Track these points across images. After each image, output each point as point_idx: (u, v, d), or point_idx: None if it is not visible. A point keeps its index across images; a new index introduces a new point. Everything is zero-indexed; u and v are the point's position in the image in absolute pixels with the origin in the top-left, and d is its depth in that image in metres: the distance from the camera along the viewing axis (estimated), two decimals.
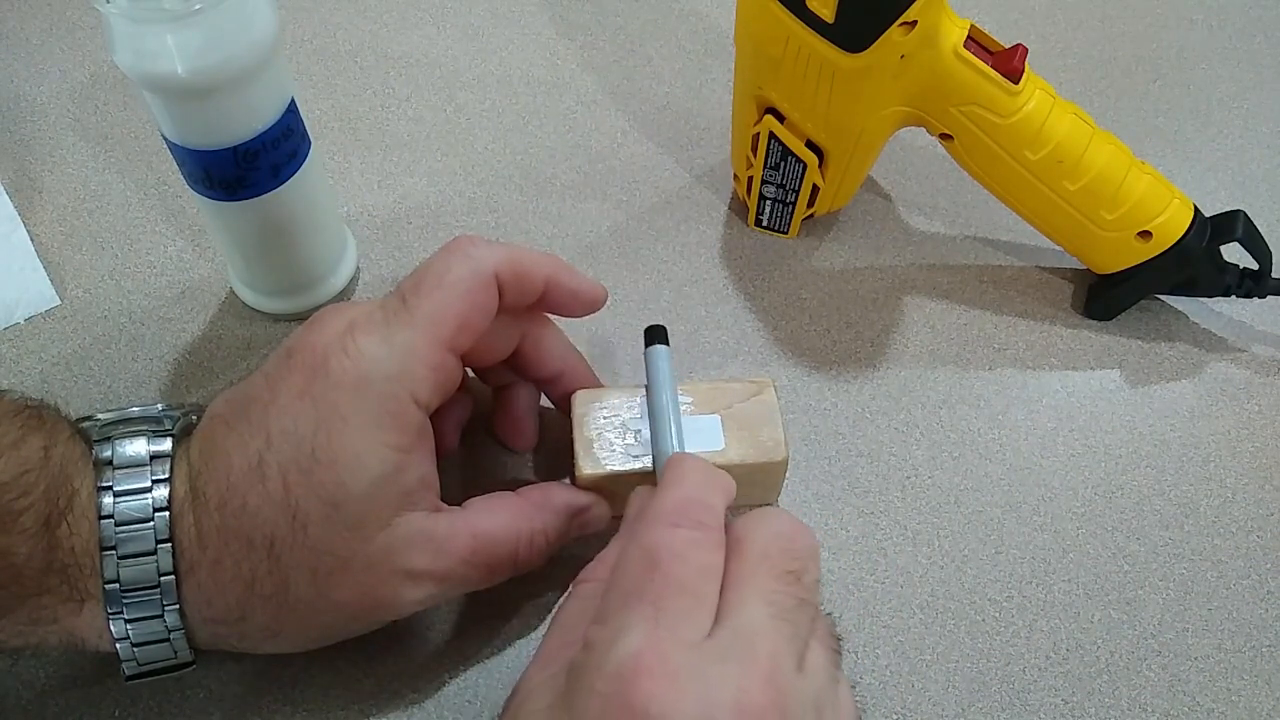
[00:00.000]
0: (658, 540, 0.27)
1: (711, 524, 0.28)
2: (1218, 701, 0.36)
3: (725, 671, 0.24)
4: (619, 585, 0.26)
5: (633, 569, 0.26)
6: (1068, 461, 0.41)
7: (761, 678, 0.24)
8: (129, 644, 0.29)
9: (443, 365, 0.31)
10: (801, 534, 0.28)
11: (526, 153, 0.51)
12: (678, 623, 0.25)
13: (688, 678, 0.24)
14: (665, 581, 0.26)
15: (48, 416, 0.30)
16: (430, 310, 0.31)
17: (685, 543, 0.27)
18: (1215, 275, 0.43)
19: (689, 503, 0.28)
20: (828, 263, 0.47)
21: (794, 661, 0.25)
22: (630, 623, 0.25)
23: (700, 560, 0.27)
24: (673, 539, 0.27)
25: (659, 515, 0.28)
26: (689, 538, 0.27)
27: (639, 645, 0.24)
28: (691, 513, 0.28)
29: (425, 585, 0.31)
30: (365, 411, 0.29)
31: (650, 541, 0.27)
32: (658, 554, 0.26)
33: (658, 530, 0.27)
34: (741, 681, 0.24)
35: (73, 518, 0.28)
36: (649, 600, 0.25)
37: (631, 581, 0.26)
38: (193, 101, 0.34)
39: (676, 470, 0.30)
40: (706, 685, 0.24)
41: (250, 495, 0.29)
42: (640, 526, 0.28)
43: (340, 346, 0.30)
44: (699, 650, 0.24)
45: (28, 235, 0.46)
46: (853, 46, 0.37)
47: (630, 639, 0.24)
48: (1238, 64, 0.57)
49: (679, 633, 0.25)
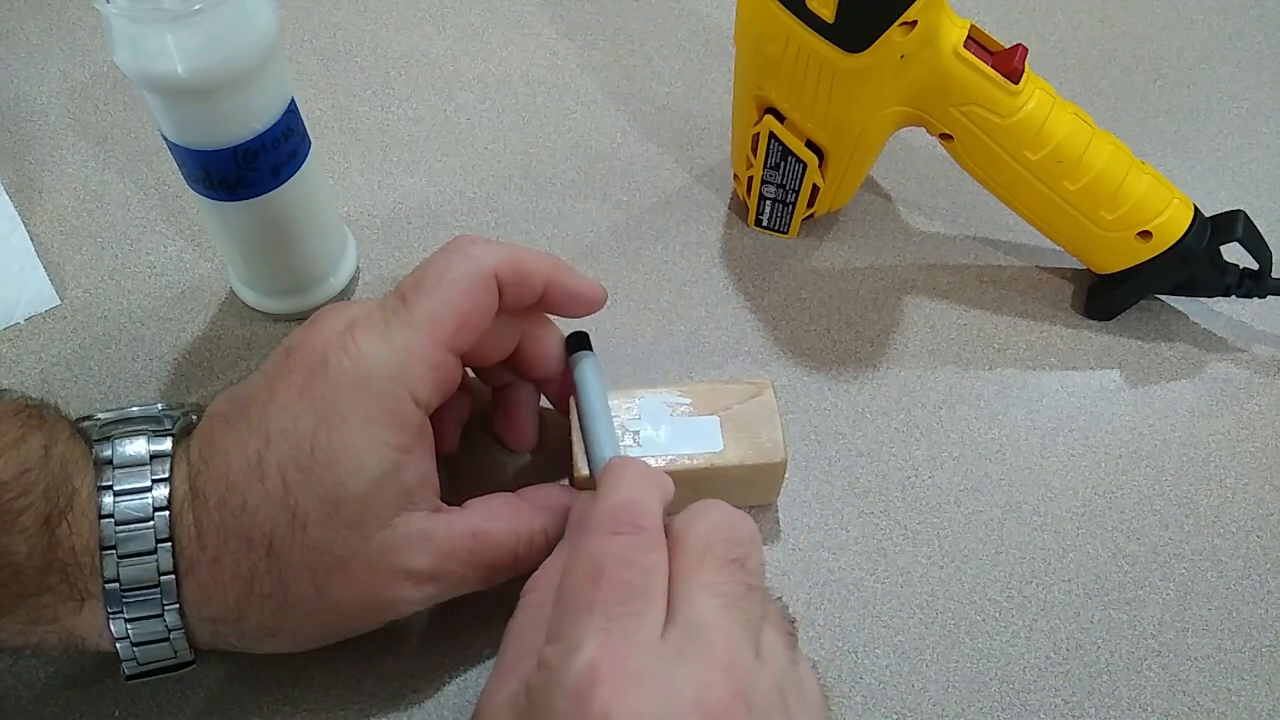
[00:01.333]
0: (598, 548, 0.27)
1: (649, 525, 0.28)
2: (1218, 701, 0.36)
3: (684, 669, 0.24)
4: (567, 598, 0.27)
5: (578, 580, 0.27)
6: (1068, 461, 0.41)
7: (720, 670, 0.24)
8: (129, 643, 0.29)
9: (442, 364, 0.31)
10: (740, 521, 0.29)
11: (526, 153, 0.51)
12: (630, 627, 0.25)
13: (647, 680, 0.24)
14: (611, 588, 0.26)
15: (48, 416, 0.30)
16: (430, 309, 0.31)
17: (626, 547, 0.27)
18: (1215, 275, 0.43)
19: (624, 507, 0.28)
20: (828, 263, 0.47)
21: (751, 649, 0.26)
22: (583, 636, 0.25)
23: (643, 562, 0.27)
24: (614, 545, 0.27)
25: (597, 523, 0.28)
26: (629, 542, 0.27)
27: (594, 655, 0.24)
28: (628, 517, 0.28)
29: (424, 585, 0.31)
30: (364, 410, 0.29)
31: (592, 550, 0.27)
32: (600, 562, 0.27)
33: (597, 538, 0.27)
34: (702, 676, 0.24)
35: (73, 517, 0.28)
36: (598, 609, 0.25)
37: (578, 593, 0.26)
38: (193, 101, 0.34)
39: (611, 475, 0.30)
40: (667, 685, 0.24)
41: (250, 494, 0.29)
42: (580, 536, 0.28)
43: (340, 345, 0.30)
44: (654, 651, 0.25)
45: (28, 235, 0.46)
46: (853, 46, 0.37)
47: (584, 651, 0.24)
48: (1238, 64, 0.57)
49: (632, 636, 0.25)
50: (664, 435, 0.36)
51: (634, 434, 0.36)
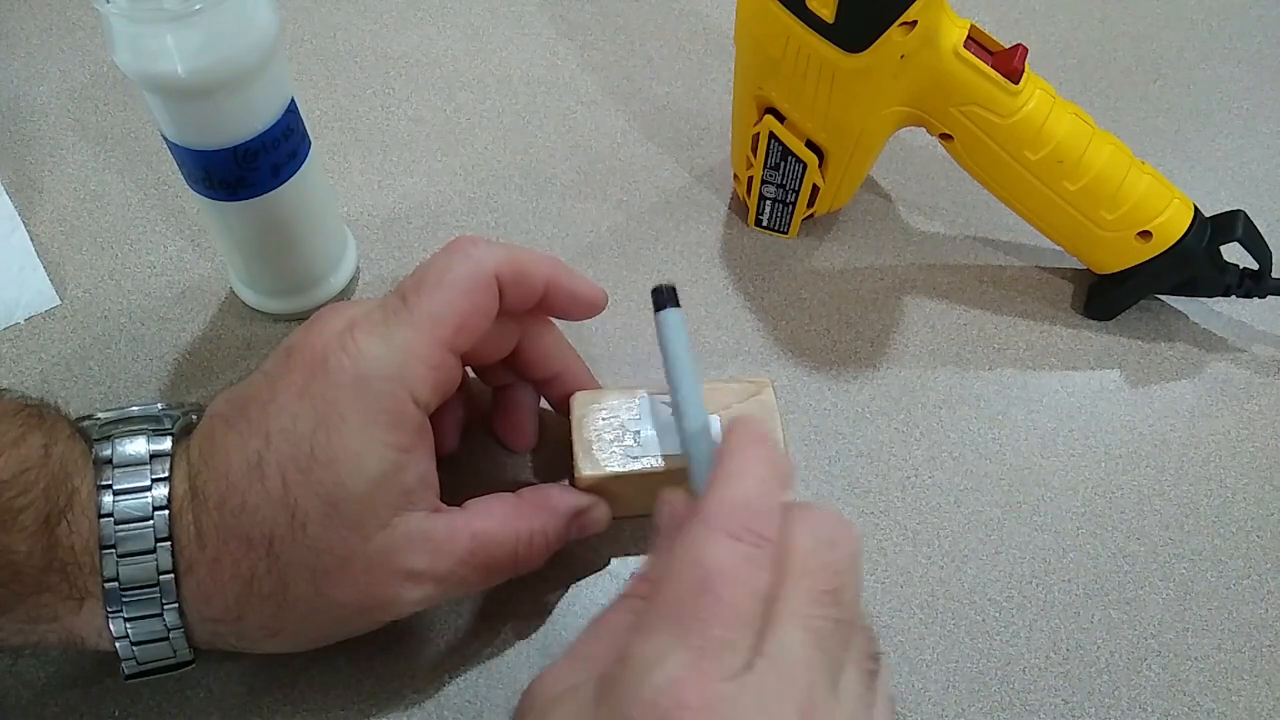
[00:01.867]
0: (712, 558, 0.25)
1: (772, 536, 0.26)
2: (1218, 701, 0.36)
3: (764, 707, 0.23)
4: (666, 599, 0.25)
5: (682, 586, 0.25)
6: (1068, 461, 0.41)
7: (798, 713, 0.23)
8: (128, 642, 0.29)
9: (442, 365, 0.31)
10: (844, 538, 0.27)
11: (526, 153, 0.51)
12: (722, 654, 0.24)
13: (724, 712, 0.23)
14: (716, 608, 0.24)
15: (48, 415, 0.30)
16: (430, 309, 0.31)
17: (743, 561, 0.25)
18: (1215, 275, 0.43)
19: (750, 508, 0.26)
20: (828, 263, 0.47)
21: (829, 688, 0.24)
22: (672, 647, 0.24)
23: (755, 584, 0.25)
24: (730, 557, 0.25)
25: (717, 519, 0.26)
26: (747, 555, 0.25)
27: (679, 674, 0.23)
28: (754, 523, 0.26)
29: (424, 585, 0.31)
30: (364, 410, 0.29)
31: (704, 557, 0.25)
32: (710, 576, 0.24)
33: (713, 541, 0.25)
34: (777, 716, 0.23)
35: (72, 516, 0.28)
36: (695, 627, 0.24)
37: (679, 599, 0.25)
38: (192, 101, 0.34)
39: (736, 458, 0.27)
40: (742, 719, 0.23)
41: (249, 494, 0.29)
42: (694, 534, 0.26)
43: (339, 345, 0.30)
44: (738, 683, 0.23)
45: (28, 235, 0.46)
46: (853, 46, 0.37)
47: (670, 666, 0.23)
48: (1238, 64, 0.57)
49: (721, 663, 0.23)
50: (665, 435, 0.36)
51: (634, 434, 0.36)
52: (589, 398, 0.37)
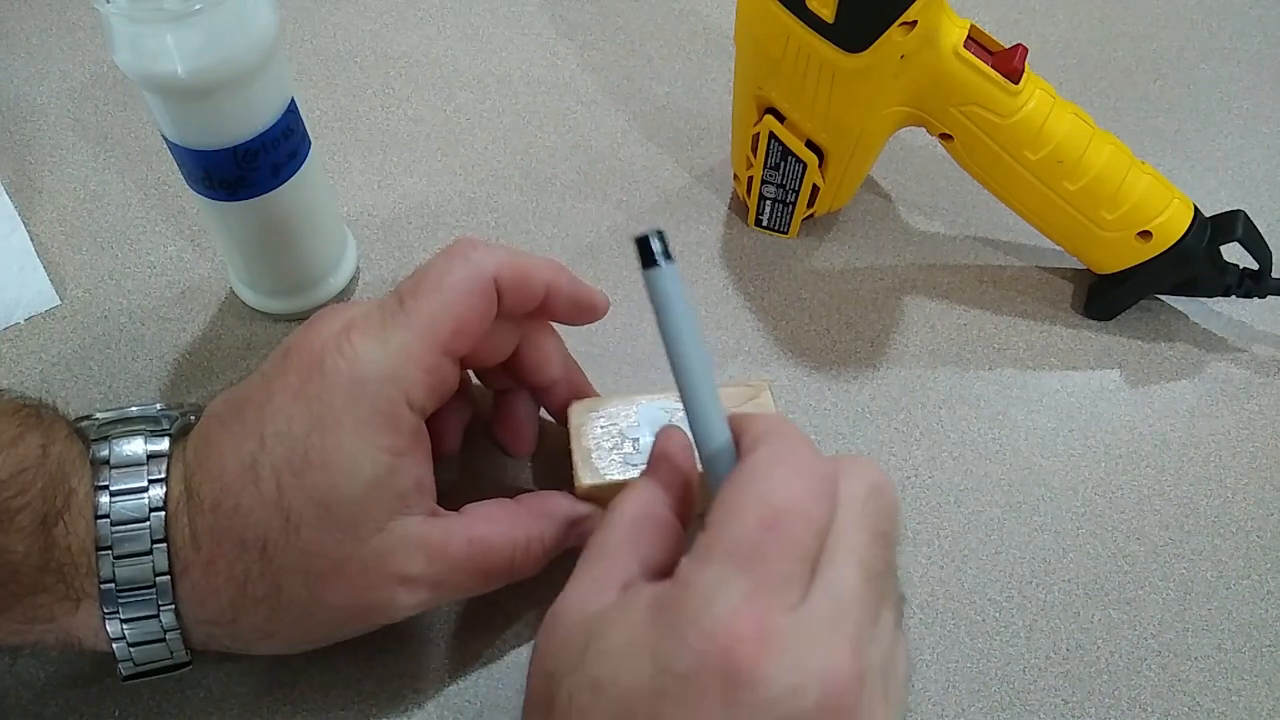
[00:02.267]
0: (779, 490, 0.25)
1: (830, 476, 0.26)
2: (1218, 701, 0.36)
3: (817, 639, 0.24)
4: (729, 528, 0.25)
5: (747, 519, 0.25)
6: (1068, 461, 0.41)
7: (849, 645, 0.24)
8: (125, 644, 0.29)
9: (438, 369, 0.31)
10: (890, 489, 0.27)
11: (526, 153, 0.51)
12: (782, 587, 0.24)
13: (783, 645, 0.23)
14: (783, 543, 0.24)
15: (46, 415, 0.30)
16: (427, 313, 0.30)
17: (809, 497, 0.25)
18: (1215, 275, 0.43)
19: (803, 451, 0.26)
20: (828, 263, 0.47)
21: (873, 624, 0.25)
22: (733, 577, 0.24)
23: (820, 518, 0.25)
24: (797, 490, 0.25)
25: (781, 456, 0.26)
26: (814, 491, 0.25)
27: (740, 604, 0.23)
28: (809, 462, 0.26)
29: (420, 590, 0.31)
30: (358, 413, 0.29)
31: (772, 490, 0.25)
32: (778, 507, 0.25)
33: (779, 475, 0.25)
34: (830, 650, 0.23)
35: (69, 517, 0.28)
36: (759, 559, 0.24)
37: (745, 534, 0.24)
38: (192, 101, 0.34)
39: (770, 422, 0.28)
40: (799, 653, 0.23)
41: (243, 496, 0.29)
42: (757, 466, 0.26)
43: (336, 347, 0.30)
44: (796, 615, 0.24)
45: (28, 235, 0.46)
46: (853, 46, 0.37)
47: (732, 597, 0.24)
48: (1238, 64, 0.57)
49: (781, 597, 0.24)
50: None
51: (633, 441, 0.36)
52: (587, 406, 0.36)
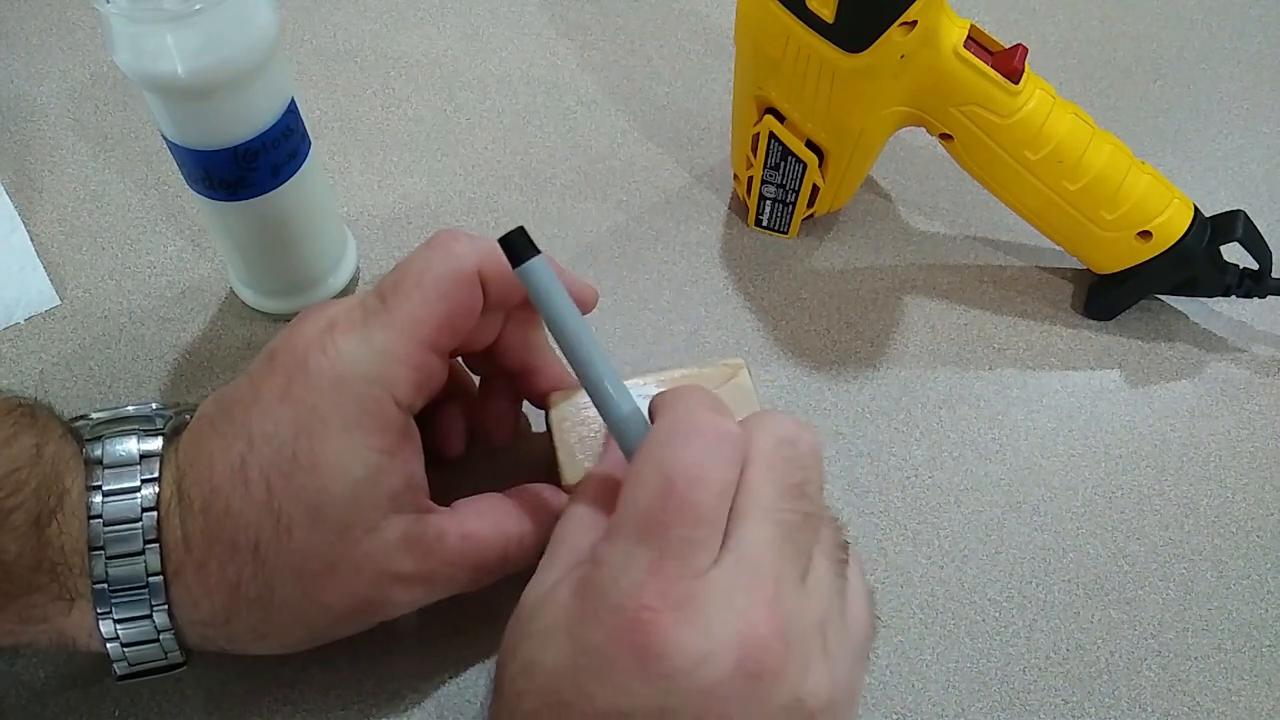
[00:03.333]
0: (673, 460, 0.25)
1: (730, 429, 0.26)
2: (1218, 701, 0.36)
3: (730, 602, 0.23)
4: (630, 504, 0.25)
5: (646, 491, 0.25)
6: (1068, 461, 0.41)
7: (765, 605, 0.24)
8: (119, 644, 0.29)
9: (425, 365, 0.30)
10: (803, 436, 0.27)
11: (526, 153, 0.51)
12: (687, 553, 0.24)
13: (693, 611, 0.23)
14: (681, 510, 0.24)
15: (40, 415, 0.30)
16: (409, 311, 0.30)
17: (703, 460, 0.25)
18: (1215, 275, 0.43)
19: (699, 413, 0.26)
20: (828, 263, 0.47)
21: (797, 580, 0.25)
22: (637, 552, 0.24)
23: (718, 481, 0.25)
24: (690, 456, 0.25)
25: (670, 429, 0.26)
26: (707, 452, 0.25)
27: (644, 576, 0.24)
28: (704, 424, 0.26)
29: (413, 587, 0.31)
30: (344, 413, 0.29)
31: (665, 461, 0.25)
32: (673, 479, 0.25)
33: (674, 444, 0.25)
34: (746, 612, 0.23)
35: (63, 516, 0.28)
36: (659, 528, 0.24)
37: (645, 505, 0.25)
38: (192, 101, 0.34)
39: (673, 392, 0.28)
40: (711, 617, 0.23)
41: (233, 498, 0.28)
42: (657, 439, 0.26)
43: (319, 347, 0.29)
44: (705, 580, 0.24)
45: (28, 235, 0.46)
46: (853, 46, 0.37)
47: (635, 570, 0.24)
48: (1238, 64, 0.57)
49: (688, 563, 0.24)
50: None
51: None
52: (566, 397, 0.36)
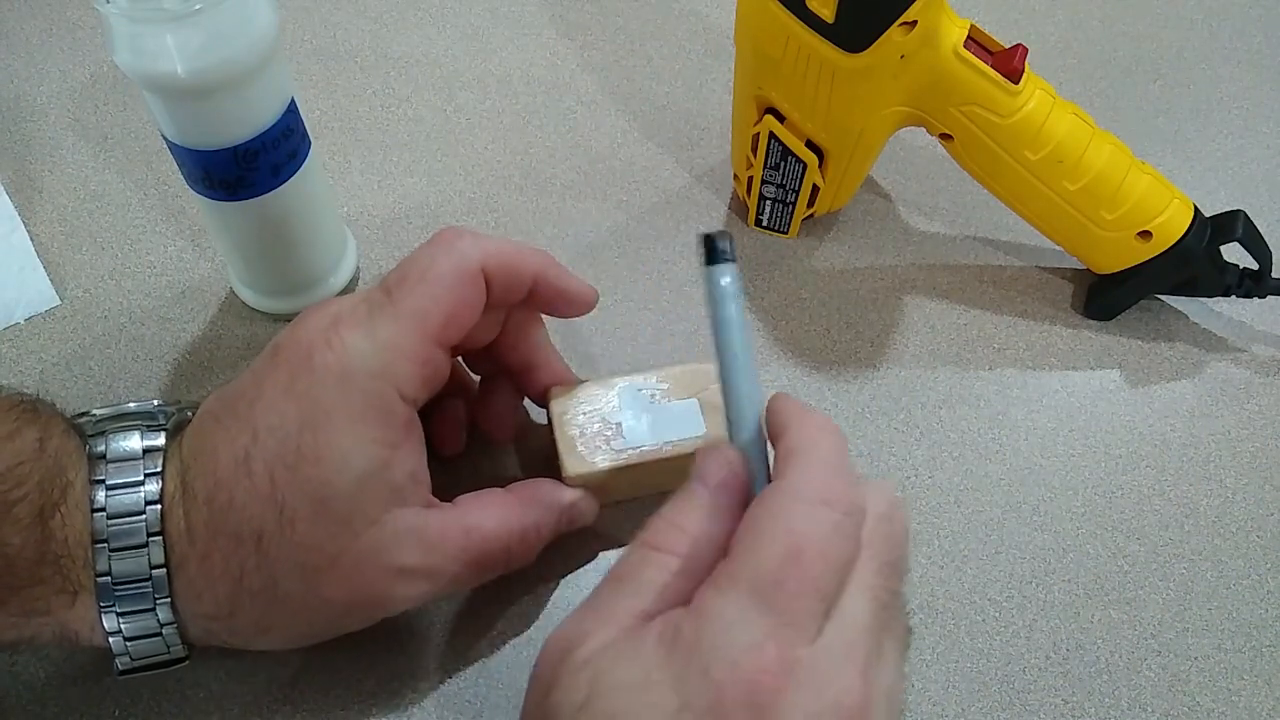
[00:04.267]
0: (803, 527, 0.25)
1: (855, 509, 0.26)
2: (1218, 701, 0.36)
3: (833, 670, 0.24)
4: (750, 563, 0.25)
5: (770, 551, 0.25)
6: (1068, 461, 0.41)
7: (859, 675, 0.24)
8: (121, 638, 0.29)
9: (430, 360, 0.31)
10: (900, 514, 0.27)
11: (526, 153, 0.51)
12: (806, 622, 0.24)
13: (804, 677, 0.23)
14: (804, 579, 0.24)
15: (43, 411, 0.30)
16: (414, 304, 0.30)
17: (833, 532, 0.25)
18: (1215, 275, 0.43)
19: (834, 480, 0.26)
20: (828, 263, 0.47)
21: (879, 653, 0.25)
22: (757, 612, 0.24)
23: (843, 553, 0.25)
24: (820, 523, 0.25)
25: (806, 489, 0.26)
26: (837, 525, 0.25)
27: (764, 639, 0.24)
28: (843, 492, 0.26)
29: (416, 582, 0.31)
30: (349, 406, 0.29)
31: (794, 524, 0.25)
32: (802, 547, 0.25)
33: (802, 509, 0.25)
34: (844, 680, 0.24)
35: (66, 510, 0.28)
36: (781, 597, 0.24)
37: (766, 565, 0.24)
38: (193, 101, 0.34)
39: (806, 431, 0.27)
40: (817, 684, 0.23)
41: (237, 491, 0.29)
42: (779, 499, 0.26)
43: (325, 341, 0.30)
44: (814, 648, 0.24)
45: (28, 235, 0.46)
46: (853, 46, 0.37)
47: (755, 631, 0.24)
48: (1238, 64, 0.57)
49: (804, 631, 0.24)
50: (647, 424, 0.36)
51: (616, 425, 0.36)
52: (567, 392, 0.36)
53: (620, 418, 0.36)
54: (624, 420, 0.36)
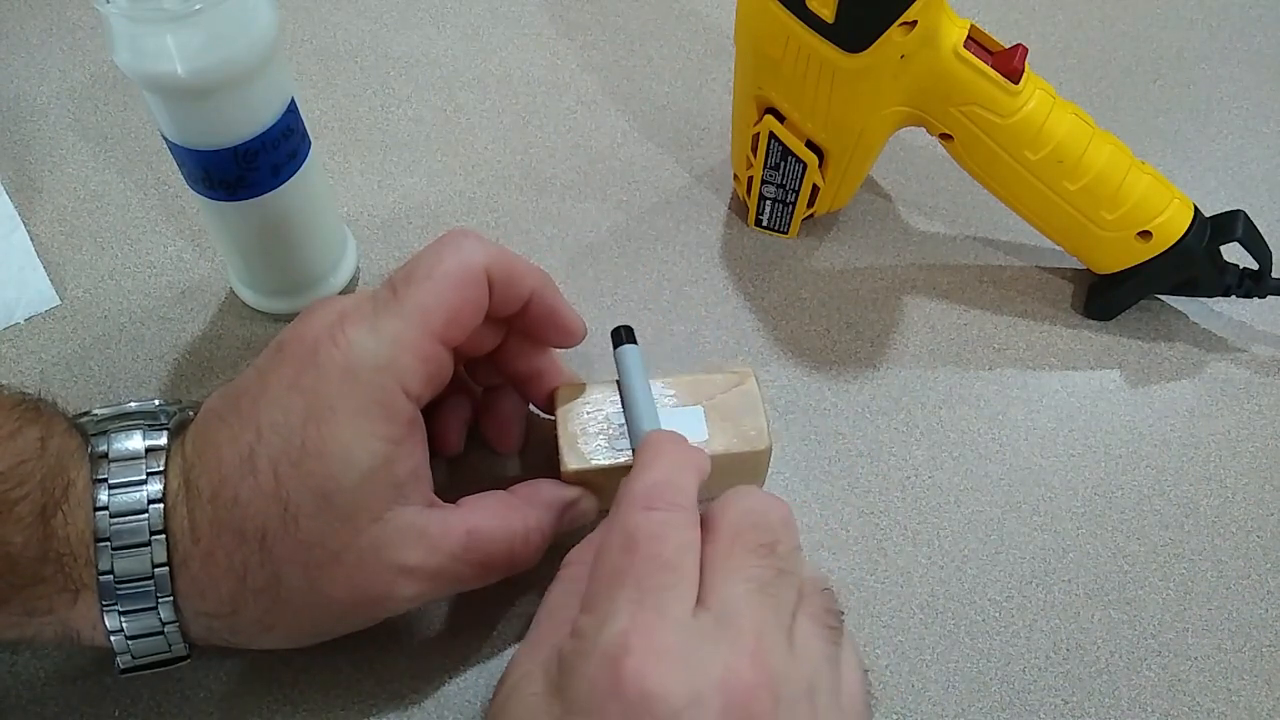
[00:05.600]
0: (633, 522, 0.27)
1: (684, 503, 0.28)
2: (1218, 701, 0.36)
3: (712, 650, 0.24)
4: (601, 570, 0.27)
5: (613, 553, 0.27)
6: (1068, 461, 0.41)
7: (748, 655, 0.24)
8: (123, 636, 0.29)
9: (434, 357, 0.31)
10: (771, 507, 0.29)
11: (526, 153, 0.51)
12: (662, 600, 0.25)
13: (675, 655, 0.24)
14: (645, 561, 0.26)
15: (45, 409, 0.30)
16: (420, 301, 0.31)
17: (660, 523, 0.27)
18: (1215, 275, 0.43)
19: (661, 485, 0.29)
20: (828, 263, 0.47)
21: (783, 639, 0.26)
22: (615, 606, 0.25)
23: (677, 538, 0.27)
24: (648, 520, 0.27)
25: (634, 498, 0.28)
26: (663, 519, 0.27)
27: (623, 625, 0.25)
28: (664, 494, 0.28)
29: (418, 581, 0.31)
30: (354, 401, 0.29)
31: (627, 525, 0.27)
32: (635, 536, 0.27)
33: (633, 513, 0.28)
34: (729, 660, 0.24)
35: (68, 508, 0.28)
36: (630, 581, 0.26)
37: (613, 565, 0.27)
38: (193, 101, 0.34)
39: (649, 452, 0.30)
40: (694, 663, 0.24)
41: (241, 488, 0.29)
42: (617, 512, 0.28)
43: (329, 337, 0.30)
44: (684, 628, 0.25)
45: (28, 235, 0.46)
46: (853, 46, 0.37)
47: (615, 621, 0.25)
48: (1238, 64, 0.57)
49: (664, 611, 0.25)
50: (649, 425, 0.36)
51: (619, 425, 0.36)
52: (572, 392, 0.37)
53: (623, 419, 0.36)
54: (626, 421, 0.36)
